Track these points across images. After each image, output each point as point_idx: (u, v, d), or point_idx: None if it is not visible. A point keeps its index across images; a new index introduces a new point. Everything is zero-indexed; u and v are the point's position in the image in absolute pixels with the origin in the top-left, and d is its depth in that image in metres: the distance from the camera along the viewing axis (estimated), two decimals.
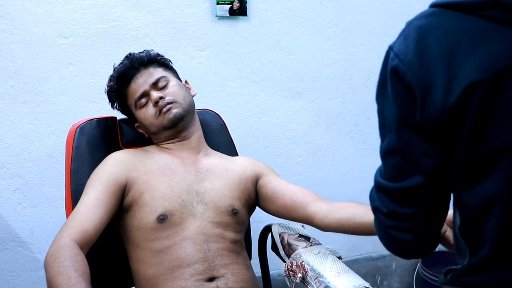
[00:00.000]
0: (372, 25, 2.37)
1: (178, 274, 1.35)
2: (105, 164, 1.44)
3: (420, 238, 0.93)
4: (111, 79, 1.57)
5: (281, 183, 1.57)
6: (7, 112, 1.88)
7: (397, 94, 0.87)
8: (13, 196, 1.96)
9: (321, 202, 1.49)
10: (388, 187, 0.92)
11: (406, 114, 0.86)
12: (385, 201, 0.93)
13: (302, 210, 1.49)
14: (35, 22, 1.86)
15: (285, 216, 1.55)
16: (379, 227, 0.97)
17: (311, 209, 1.47)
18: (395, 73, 0.87)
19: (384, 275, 2.75)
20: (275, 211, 1.56)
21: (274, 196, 1.55)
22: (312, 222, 1.47)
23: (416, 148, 0.87)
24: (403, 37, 0.90)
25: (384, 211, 0.93)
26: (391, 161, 0.92)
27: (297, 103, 2.32)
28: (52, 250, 1.20)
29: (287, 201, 1.52)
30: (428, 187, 0.88)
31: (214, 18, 2.09)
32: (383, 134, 0.95)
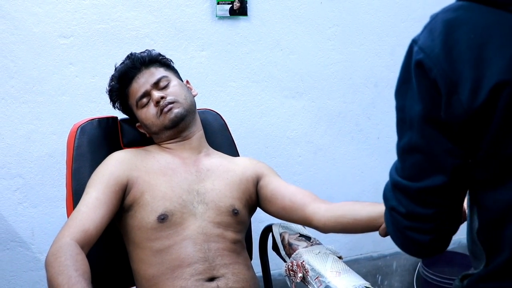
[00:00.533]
0: (373, 25, 2.38)
1: (178, 274, 1.35)
2: (106, 164, 1.45)
3: (438, 239, 0.91)
4: (113, 78, 1.57)
5: (281, 184, 1.57)
6: (8, 112, 1.89)
7: (422, 90, 0.84)
8: (14, 196, 1.96)
9: (319, 203, 1.48)
10: (407, 187, 0.89)
11: (430, 110, 0.83)
12: (403, 201, 0.90)
13: (301, 211, 1.48)
14: (36, 22, 1.86)
15: (284, 217, 1.55)
16: (395, 227, 0.94)
17: (309, 210, 1.47)
18: (420, 67, 0.84)
19: (384, 274, 2.75)
20: (274, 212, 1.56)
21: (273, 197, 1.55)
22: (310, 223, 1.47)
23: (439, 146, 0.84)
24: (428, 30, 0.86)
25: (402, 212, 0.90)
26: (411, 159, 0.88)
27: (298, 103, 2.32)
28: (53, 249, 1.20)
29: (286, 203, 1.52)
30: (451, 187, 0.86)
31: (215, 18, 2.09)
32: (402, 130, 0.90)
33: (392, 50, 2.44)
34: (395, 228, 0.95)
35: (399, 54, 2.50)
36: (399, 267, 2.77)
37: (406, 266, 2.78)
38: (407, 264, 2.78)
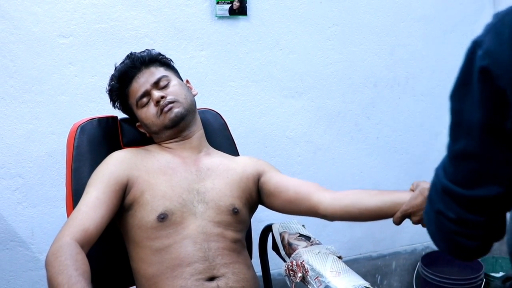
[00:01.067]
0: (372, 25, 2.38)
1: (178, 273, 1.35)
2: (106, 163, 1.44)
3: (486, 244, 0.89)
4: (112, 78, 1.57)
5: (283, 178, 1.58)
6: (7, 112, 1.88)
7: (485, 97, 0.78)
8: (13, 196, 1.96)
9: (324, 192, 1.49)
10: (458, 193, 0.85)
11: (492, 119, 0.78)
12: (453, 206, 0.86)
13: (307, 201, 1.48)
14: (35, 21, 1.86)
15: (290, 210, 1.54)
16: (441, 231, 0.91)
17: (314, 199, 1.47)
18: (485, 74, 0.77)
19: (384, 274, 2.75)
20: (279, 206, 1.56)
21: (277, 191, 1.54)
22: (317, 212, 1.47)
23: (498, 157, 0.80)
24: (494, 33, 0.78)
25: (451, 217, 0.86)
26: (464, 166, 0.84)
27: (297, 102, 2.32)
28: (53, 249, 1.20)
29: (291, 195, 1.51)
30: (506, 197, 0.82)
31: (214, 17, 2.09)
32: (457, 134, 0.85)
33: (392, 50, 2.44)
34: (440, 231, 0.91)
35: (399, 54, 2.53)
36: (398, 267, 2.78)
37: (405, 266, 2.79)
38: (406, 264, 2.79)
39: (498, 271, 2.84)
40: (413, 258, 2.79)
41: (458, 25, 2.54)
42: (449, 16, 2.52)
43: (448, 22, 2.52)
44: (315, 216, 1.50)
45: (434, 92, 2.59)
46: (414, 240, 2.79)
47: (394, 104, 2.52)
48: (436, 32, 2.51)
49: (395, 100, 2.52)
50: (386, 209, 1.35)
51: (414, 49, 2.49)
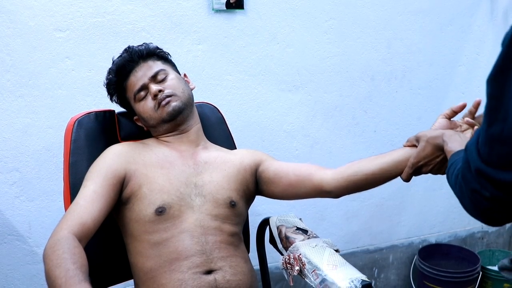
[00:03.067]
0: (369, 18, 2.38)
1: (176, 267, 1.36)
2: (103, 157, 1.44)
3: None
4: (110, 72, 1.57)
5: (281, 164, 1.57)
6: (4, 106, 1.88)
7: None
8: (11, 190, 1.96)
9: (325, 169, 1.48)
10: (493, 176, 0.86)
11: None
12: (488, 187, 0.87)
13: (309, 182, 1.48)
14: (31, 15, 1.85)
15: (292, 194, 1.53)
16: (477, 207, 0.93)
17: (316, 178, 1.47)
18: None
19: (381, 267, 2.76)
20: (281, 192, 1.55)
21: (277, 177, 1.54)
22: (321, 190, 1.46)
23: None
24: None
25: (486, 195, 0.88)
26: (500, 150, 0.84)
27: (294, 96, 2.32)
28: (51, 242, 1.20)
29: (291, 178, 1.51)
30: None
31: (211, 11, 2.09)
32: (493, 119, 0.85)
33: (389, 44, 2.44)
34: (476, 207, 0.94)
35: (396, 47, 2.53)
36: (396, 260, 2.79)
37: (403, 259, 2.80)
38: (404, 257, 2.80)
39: (494, 264, 2.86)
40: (410, 251, 2.80)
41: (455, 18, 2.54)
42: (446, 9, 2.52)
43: (445, 15, 2.52)
44: (320, 196, 1.50)
45: (431, 85, 2.59)
46: (411, 233, 2.80)
47: (391, 97, 2.52)
48: (433, 25, 2.51)
49: (392, 94, 2.52)
50: (390, 169, 1.35)
51: (411, 43, 2.49)
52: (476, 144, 0.90)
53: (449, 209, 2.86)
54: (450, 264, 2.71)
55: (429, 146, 1.29)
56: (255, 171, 1.58)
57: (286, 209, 2.38)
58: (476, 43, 2.62)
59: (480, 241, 3.01)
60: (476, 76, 2.67)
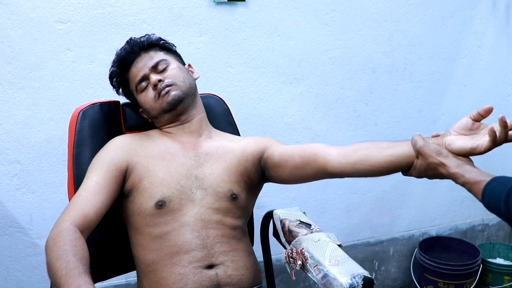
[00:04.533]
0: (371, 11, 2.37)
1: (176, 261, 1.36)
2: (106, 149, 1.44)
3: None
4: (113, 64, 1.57)
5: (287, 147, 1.53)
6: (5, 98, 1.88)
7: None
8: (12, 182, 1.96)
9: (329, 149, 1.44)
10: None
11: None
12: None
13: (313, 163, 1.43)
14: (32, 7, 1.85)
15: (299, 176, 1.49)
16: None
17: (321, 160, 1.42)
18: None
19: (381, 260, 2.76)
20: (288, 175, 1.50)
21: (283, 161, 1.49)
22: (326, 171, 1.42)
23: None
24: None
25: None
26: None
27: (295, 88, 2.31)
28: (53, 234, 1.20)
29: (296, 160, 1.46)
30: None
31: (212, 3, 2.08)
32: None
33: (390, 36, 2.43)
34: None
35: (397, 40, 2.52)
36: (396, 253, 2.79)
37: (403, 252, 2.80)
38: (404, 250, 2.80)
39: (495, 256, 2.87)
40: (410, 244, 2.81)
41: (457, 11, 2.53)
42: (447, 2, 2.51)
43: (447, 8, 2.51)
44: (324, 177, 1.46)
45: (432, 78, 2.58)
46: (411, 226, 2.81)
47: (392, 90, 2.51)
48: (435, 18, 2.51)
49: (393, 86, 2.51)
50: (398, 163, 1.29)
51: (412, 35, 2.48)
52: None
53: (449, 202, 2.86)
54: (451, 256, 2.72)
55: (430, 170, 1.23)
56: (258, 160, 1.54)
57: (288, 201, 2.38)
58: (478, 35, 2.62)
59: (480, 234, 3.01)
60: (478, 69, 2.66)
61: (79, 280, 1.08)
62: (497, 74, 2.74)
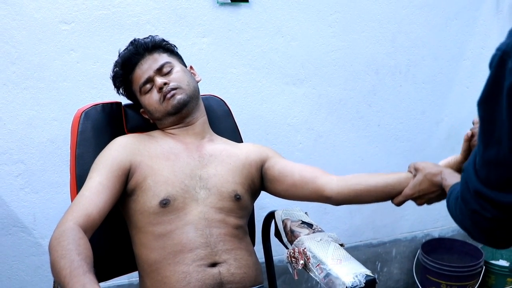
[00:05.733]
0: (374, 12, 2.37)
1: (180, 259, 1.36)
2: (109, 149, 1.45)
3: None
4: (116, 65, 1.57)
5: (287, 163, 1.58)
6: (9, 98, 1.89)
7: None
8: (16, 182, 1.97)
9: (330, 175, 1.50)
10: (492, 198, 0.86)
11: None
12: (488, 207, 0.87)
13: (312, 184, 1.49)
14: (37, 8, 1.86)
15: (294, 194, 1.54)
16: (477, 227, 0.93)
17: (320, 181, 1.48)
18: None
19: (384, 261, 2.76)
20: (283, 190, 1.56)
21: (282, 176, 1.54)
22: (322, 193, 1.47)
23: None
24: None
25: (488, 216, 0.88)
26: (497, 172, 0.84)
27: (298, 89, 2.32)
28: (56, 233, 1.20)
29: (295, 178, 1.52)
30: None
31: (216, 4, 2.09)
32: (487, 142, 0.85)
33: (393, 37, 2.43)
34: (476, 228, 0.94)
35: (400, 41, 2.52)
36: (399, 254, 2.79)
37: (406, 253, 2.80)
38: (407, 251, 2.80)
39: (498, 258, 2.86)
40: (413, 245, 2.81)
41: (460, 12, 2.53)
42: (451, 3, 2.51)
43: (450, 9, 2.51)
44: (318, 200, 1.50)
45: (435, 79, 2.58)
46: (414, 227, 2.81)
47: (395, 91, 2.52)
48: (438, 19, 2.51)
49: (397, 88, 2.52)
50: (393, 186, 1.38)
51: (415, 37, 2.48)
52: (473, 165, 0.90)
53: None
54: (453, 258, 2.72)
55: (426, 181, 1.31)
56: (260, 167, 1.58)
57: (290, 202, 2.38)
58: (481, 37, 2.62)
59: None
60: (481, 71, 2.66)
61: (83, 279, 1.08)
62: None
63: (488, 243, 0.96)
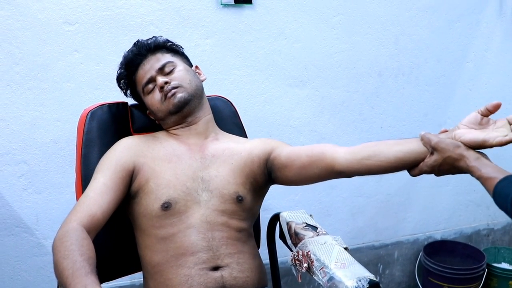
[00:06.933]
0: (377, 14, 2.37)
1: (182, 262, 1.36)
2: (113, 150, 1.45)
3: None
4: (120, 66, 1.57)
5: (293, 148, 1.52)
6: (13, 98, 1.89)
7: None
8: (19, 182, 1.97)
9: (337, 147, 1.42)
10: None
11: None
12: None
13: (321, 161, 1.41)
14: (41, 8, 1.86)
15: (305, 176, 1.47)
16: None
17: (328, 157, 1.40)
18: None
19: (386, 263, 2.76)
20: (295, 175, 1.48)
21: (289, 161, 1.47)
22: (333, 169, 1.39)
23: None
24: None
25: None
26: None
27: (301, 91, 2.32)
28: (60, 233, 1.20)
29: (303, 160, 1.44)
30: None
31: (219, 6, 2.09)
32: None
33: (396, 39, 2.43)
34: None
35: (404, 44, 2.52)
36: (401, 256, 2.79)
37: (408, 255, 2.80)
38: (409, 254, 2.80)
39: (500, 261, 2.86)
40: (415, 247, 2.80)
41: (464, 15, 2.53)
42: (454, 5, 2.51)
43: (454, 12, 2.51)
44: (332, 176, 1.43)
45: (438, 82, 2.58)
46: (416, 230, 2.80)
47: (398, 94, 2.52)
48: (441, 22, 2.51)
49: (399, 90, 2.52)
50: (406, 159, 1.29)
51: (418, 39, 2.48)
52: None
53: (455, 206, 2.86)
54: (456, 261, 2.71)
55: (447, 165, 1.23)
56: (265, 161, 1.52)
57: (293, 204, 2.38)
58: (484, 39, 2.62)
59: (485, 238, 3.01)
60: (484, 73, 2.66)
61: (85, 280, 1.08)
62: (503, 78, 2.73)
63: None
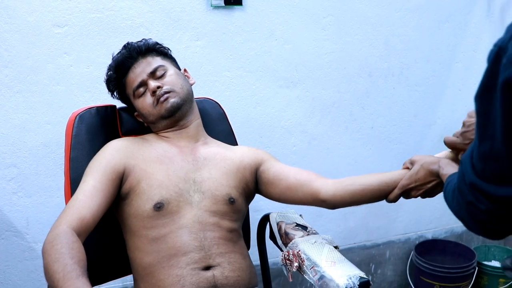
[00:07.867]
0: (367, 15, 2.38)
1: (174, 263, 1.36)
2: (103, 152, 1.45)
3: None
4: (110, 68, 1.57)
5: (282, 166, 1.58)
6: (2, 101, 1.88)
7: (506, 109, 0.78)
8: (8, 186, 1.96)
9: (325, 178, 1.49)
10: (487, 191, 0.87)
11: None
12: (483, 200, 0.88)
13: (307, 186, 1.48)
14: (30, 11, 1.85)
15: (288, 197, 1.54)
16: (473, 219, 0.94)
17: (316, 184, 1.47)
18: (509, 87, 0.76)
19: (378, 263, 2.77)
20: (278, 194, 1.55)
21: (277, 179, 1.54)
22: (317, 196, 1.46)
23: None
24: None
25: (482, 208, 0.89)
26: (493, 165, 0.85)
27: (292, 92, 2.32)
28: (50, 237, 1.20)
29: (290, 181, 1.51)
30: None
31: (210, 7, 2.09)
32: (483, 135, 0.86)
33: (386, 40, 2.44)
34: (472, 219, 0.95)
35: (393, 44, 2.53)
36: (392, 256, 2.80)
37: (399, 255, 2.81)
38: (400, 253, 2.81)
39: (490, 259, 2.87)
40: (406, 247, 2.81)
41: (453, 15, 2.55)
42: (443, 6, 2.52)
43: (443, 12, 2.53)
44: (313, 203, 1.50)
45: (428, 82, 2.59)
46: (407, 229, 2.81)
47: (388, 94, 2.52)
48: (431, 22, 2.52)
49: (390, 90, 2.52)
50: (388, 183, 1.38)
51: (408, 39, 2.49)
52: (470, 158, 0.91)
53: (445, 205, 2.83)
54: (447, 259, 2.72)
55: (423, 170, 1.32)
56: (255, 171, 1.58)
57: (284, 205, 2.37)
58: (473, 40, 2.63)
59: (476, 237, 3.02)
60: (473, 73, 2.67)
61: (77, 283, 1.08)
62: None
63: (483, 234, 0.97)
